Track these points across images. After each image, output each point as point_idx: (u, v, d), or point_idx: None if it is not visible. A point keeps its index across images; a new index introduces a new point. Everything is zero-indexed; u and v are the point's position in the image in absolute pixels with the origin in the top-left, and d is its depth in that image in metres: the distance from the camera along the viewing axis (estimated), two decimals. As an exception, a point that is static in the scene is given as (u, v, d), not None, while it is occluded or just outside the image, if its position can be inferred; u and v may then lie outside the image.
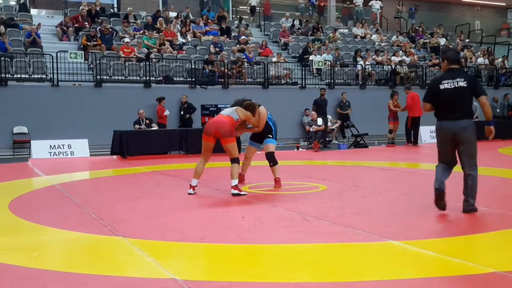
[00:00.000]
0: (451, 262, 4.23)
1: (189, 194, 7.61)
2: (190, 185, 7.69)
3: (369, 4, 27.06)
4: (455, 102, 5.92)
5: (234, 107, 7.97)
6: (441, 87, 5.98)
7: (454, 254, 4.40)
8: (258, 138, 8.54)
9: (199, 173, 7.73)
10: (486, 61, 24.02)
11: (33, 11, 21.40)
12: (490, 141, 17.10)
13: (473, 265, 4.10)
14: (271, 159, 8.28)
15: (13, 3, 21.92)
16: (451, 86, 5.94)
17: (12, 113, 14.86)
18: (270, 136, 8.42)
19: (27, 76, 16.02)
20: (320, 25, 23.93)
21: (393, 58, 21.87)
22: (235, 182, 7.49)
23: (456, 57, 6.26)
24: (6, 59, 15.63)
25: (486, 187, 8.10)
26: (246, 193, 7.54)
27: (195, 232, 5.34)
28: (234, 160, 7.55)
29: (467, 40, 26.91)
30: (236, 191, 7.42)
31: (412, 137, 16.46)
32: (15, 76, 15.82)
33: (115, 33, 18.72)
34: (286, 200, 7.19)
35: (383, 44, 24.02)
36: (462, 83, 5.92)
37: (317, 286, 3.80)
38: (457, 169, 6.16)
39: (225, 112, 7.86)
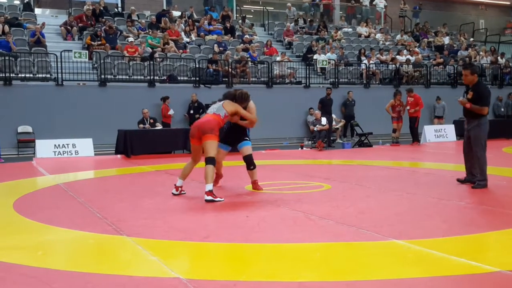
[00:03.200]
0: (455, 262, 4.22)
1: (173, 194, 7.42)
2: (175, 185, 7.48)
3: (373, 3, 27.01)
4: None
5: (221, 102, 7.45)
6: None
7: (459, 254, 4.39)
8: (230, 140, 7.91)
9: (186, 174, 7.45)
10: (489, 60, 23.94)
11: (37, 11, 21.45)
12: (494, 140, 17.10)
13: (477, 265, 4.10)
14: (251, 162, 7.77)
15: (17, 2, 21.99)
16: None
17: (17, 113, 14.90)
18: (247, 138, 7.89)
19: (31, 75, 16.06)
20: (325, 23, 23.91)
21: (397, 57, 21.83)
22: (209, 187, 6.93)
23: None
24: (11, 58, 15.67)
25: (490, 186, 8.09)
26: (222, 199, 6.96)
27: (199, 231, 5.34)
28: (209, 161, 7.00)
29: (471, 39, 26.83)
30: (210, 197, 6.88)
31: (414, 137, 16.49)
32: (20, 75, 15.86)
33: (119, 32, 18.75)
34: (290, 199, 7.18)
35: (387, 43, 23.98)
36: None
37: (321, 285, 3.80)
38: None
39: (211, 110, 7.40)
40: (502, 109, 21.73)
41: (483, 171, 7.75)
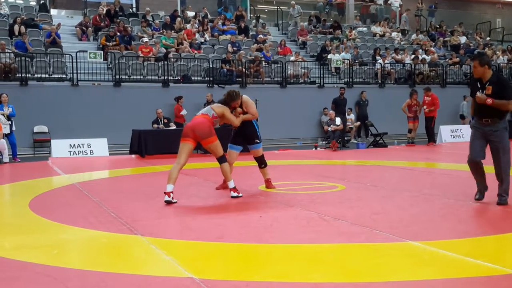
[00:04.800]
0: (471, 263, 4.17)
1: (167, 202, 6.87)
2: (165, 192, 6.95)
3: (388, 2, 26.84)
4: None
5: (210, 106, 7.64)
6: None
7: (475, 255, 4.33)
8: (241, 140, 7.96)
9: (174, 178, 7.10)
10: (506, 59, 23.66)
11: (53, 12, 21.64)
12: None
13: (494, 267, 4.04)
14: (262, 161, 7.90)
15: (33, 3, 22.20)
16: None
17: (33, 113, 15.04)
18: (257, 140, 7.86)
19: (47, 76, 16.21)
20: (338, 23, 23.81)
21: (414, 56, 21.65)
22: (232, 184, 7.19)
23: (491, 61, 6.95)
24: (27, 59, 15.83)
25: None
26: (242, 195, 7.21)
27: (212, 231, 5.33)
28: (221, 160, 7.20)
29: (488, 38, 26.54)
30: (235, 194, 7.15)
31: (430, 137, 16.37)
32: (36, 76, 16.02)
33: (132, 33, 18.85)
34: (303, 199, 7.15)
35: (402, 42, 23.82)
36: None
37: (335, 286, 3.77)
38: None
39: (200, 112, 7.53)
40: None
41: (508, 182, 6.56)
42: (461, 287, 3.74)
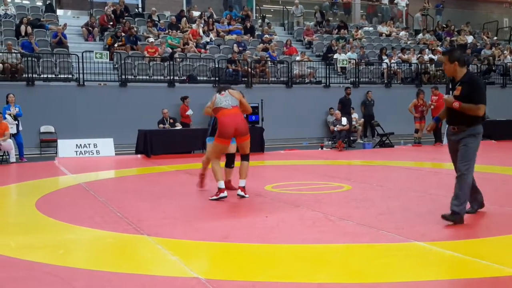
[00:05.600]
0: (478, 264, 4.15)
1: (224, 198, 7.00)
2: (220, 188, 7.02)
3: (395, 1, 26.76)
4: None
5: (227, 93, 7.28)
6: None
7: (481, 256, 4.31)
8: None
9: (222, 173, 7.27)
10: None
11: (59, 12, 21.71)
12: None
13: (501, 267, 4.02)
14: (234, 161, 7.81)
15: (39, 4, 22.28)
16: None
17: (39, 113, 15.09)
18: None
19: (53, 76, 16.27)
20: (345, 23, 23.77)
21: (420, 55, 21.57)
22: (244, 182, 7.11)
23: (467, 57, 6.06)
24: (33, 59, 15.89)
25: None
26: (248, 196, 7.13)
27: (218, 231, 5.34)
28: (247, 157, 7.17)
29: (495, 38, 26.40)
30: (242, 193, 7.09)
31: (437, 137, 16.32)
32: (42, 76, 16.08)
33: (137, 33, 18.88)
34: (309, 200, 7.14)
35: (409, 42, 23.75)
36: None
37: (341, 287, 3.76)
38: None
39: (228, 102, 7.12)
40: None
41: (464, 196, 5.60)
42: (467, 287, 3.73)
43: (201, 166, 8.07)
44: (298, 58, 19.63)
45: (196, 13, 21.51)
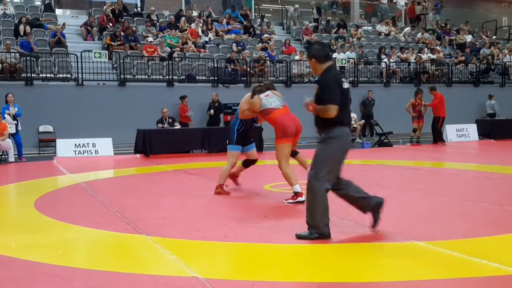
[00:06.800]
0: (476, 263, 4.15)
1: (302, 202, 6.43)
2: (298, 192, 6.74)
3: (394, 1, 26.76)
4: (348, 106, 5.10)
5: (270, 92, 7.12)
6: (344, 86, 4.98)
7: (480, 255, 4.31)
8: (246, 141, 7.57)
9: (296, 176, 6.90)
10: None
11: (58, 11, 21.68)
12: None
13: (499, 267, 4.02)
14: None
15: (38, 3, 22.25)
16: (347, 86, 5.02)
17: (38, 112, 15.07)
18: (252, 139, 7.74)
19: (52, 75, 16.25)
20: (344, 22, 23.77)
21: (419, 55, 21.58)
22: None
23: (328, 51, 5.13)
24: (32, 58, 15.88)
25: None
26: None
27: (217, 231, 5.33)
28: (296, 152, 7.20)
29: (494, 37, 26.42)
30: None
31: (436, 136, 16.34)
32: (41, 75, 16.06)
33: (138, 32, 18.87)
34: (308, 199, 7.12)
35: (408, 40, 23.76)
36: (347, 85, 5.09)
37: (340, 286, 3.77)
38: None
39: (277, 103, 7.02)
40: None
41: (313, 207, 4.93)
42: (466, 287, 3.73)
43: (222, 176, 7.51)
44: (297, 57, 19.63)
45: (195, 13, 21.49)
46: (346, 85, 5.00)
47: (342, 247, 4.74)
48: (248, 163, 7.80)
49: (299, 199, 6.66)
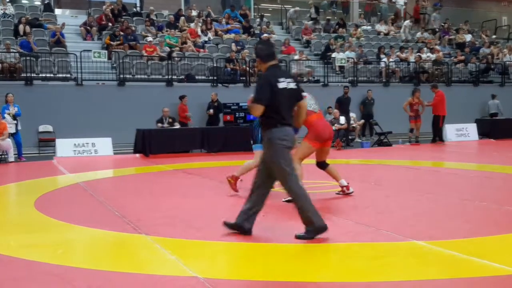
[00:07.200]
0: (476, 263, 4.15)
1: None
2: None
3: (393, 0, 26.75)
4: (291, 107, 5.05)
5: (309, 96, 6.77)
6: (280, 85, 4.92)
7: (480, 255, 4.32)
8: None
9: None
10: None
11: (58, 11, 21.67)
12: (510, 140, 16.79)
13: (500, 266, 4.02)
14: None
15: (38, 3, 22.25)
16: (286, 86, 4.96)
17: (38, 112, 15.06)
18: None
19: (52, 75, 16.23)
20: (343, 21, 23.76)
21: (418, 54, 21.58)
22: (344, 182, 7.20)
23: (271, 50, 5.15)
24: (32, 58, 15.87)
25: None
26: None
27: (216, 230, 5.33)
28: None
29: (493, 36, 26.41)
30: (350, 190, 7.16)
31: (436, 136, 16.36)
32: (40, 75, 16.04)
33: (138, 32, 18.86)
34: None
35: (409, 38, 23.76)
36: (293, 85, 5.03)
37: (340, 286, 3.77)
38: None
39: (315, 106, 6.95)
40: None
41: (308, 212, 4.93)
42: (466, 287, 3.73)
43: (240, 170, 7.56)
44: (296, 57, 19.62)
45: (194, 12, 21.48)
46: (282, 85, 4.93)
47: (341, 247, 4.74)
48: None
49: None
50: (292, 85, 5.03)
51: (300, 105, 5.17)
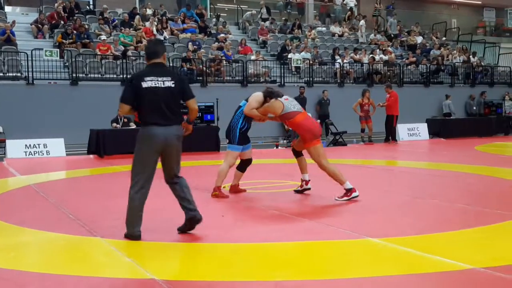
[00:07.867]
0: (430, 259, 4.26)
1: (356, 197, 6.82)
2: (349, 189, 6.85)
3: (344, 2, 27.12)
4: (165, 105, 5.06)
5: (290, 98, 7.09)
6: (144, 85, 4.98)
7: (433, 251, 4.43)
8: (247, 140, 7.52)
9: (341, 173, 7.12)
10: (462, 59, 24.30)
11: (8, 8, 21.03)
12: (467, 139, 17.37)
13: (451, 262, 4.14)
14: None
15: (-14, 0, 21.51)
16: (156, 85, 4.99)
17: (-14, 112, 14.57)
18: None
19: (1, 74, 15.76)
20: (299, 23, 23.97)
21: (371, 56, 22.00)
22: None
23: (154, 49, 5.18)
24: (-20, 57, 15.35)
25: (463, 184, 8.21)
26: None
27: (173, 232, 5.28)
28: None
29: (444, 38, 27.20)
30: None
31: (390, 135, 16.74)
32: (-11, 74, 15.55)
33: (91, 30, 18.50)
34: (266, 198, 7.17)
35: (360, 41, 24.17)
36: (169, 83, 5.06)
37: (298, 284, 3.79)
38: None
39: (298, 106, 7.04)
40: (474, 108, 22.06)
41: (128, 212, 5.05)
42: (420, 282, 3.82)
43: (219, 177, 7.32)
44: (253, 57, 19.67)
45: (149, 11, 21.23)
46: (147, 84, 4.97)
47: (299, 245, 4.77)
48: (244, 165, 7.56)
49: (354, 194, 6.76)
50: (169, 84, 5.03)
51: (187, 104, 5.31)
